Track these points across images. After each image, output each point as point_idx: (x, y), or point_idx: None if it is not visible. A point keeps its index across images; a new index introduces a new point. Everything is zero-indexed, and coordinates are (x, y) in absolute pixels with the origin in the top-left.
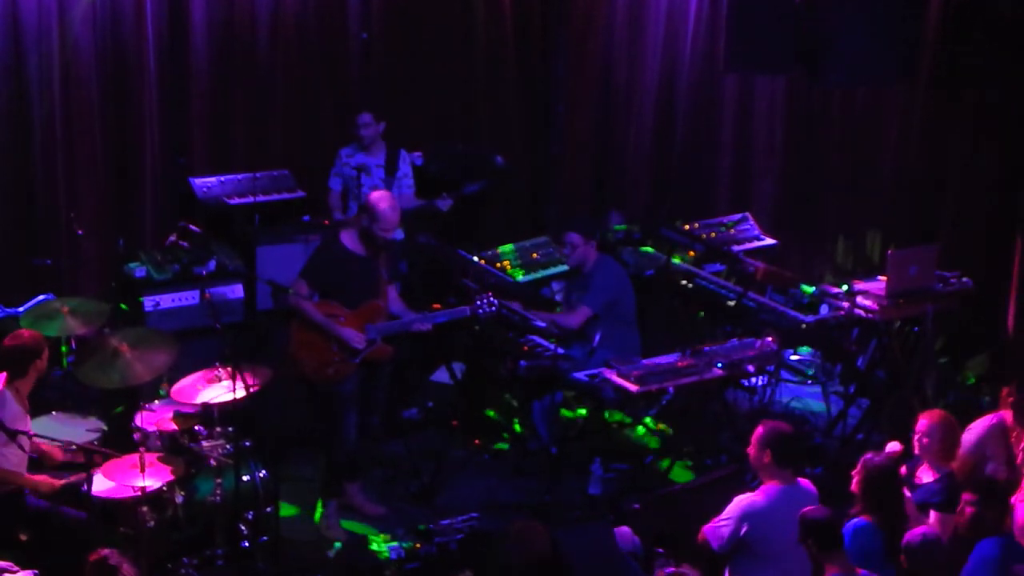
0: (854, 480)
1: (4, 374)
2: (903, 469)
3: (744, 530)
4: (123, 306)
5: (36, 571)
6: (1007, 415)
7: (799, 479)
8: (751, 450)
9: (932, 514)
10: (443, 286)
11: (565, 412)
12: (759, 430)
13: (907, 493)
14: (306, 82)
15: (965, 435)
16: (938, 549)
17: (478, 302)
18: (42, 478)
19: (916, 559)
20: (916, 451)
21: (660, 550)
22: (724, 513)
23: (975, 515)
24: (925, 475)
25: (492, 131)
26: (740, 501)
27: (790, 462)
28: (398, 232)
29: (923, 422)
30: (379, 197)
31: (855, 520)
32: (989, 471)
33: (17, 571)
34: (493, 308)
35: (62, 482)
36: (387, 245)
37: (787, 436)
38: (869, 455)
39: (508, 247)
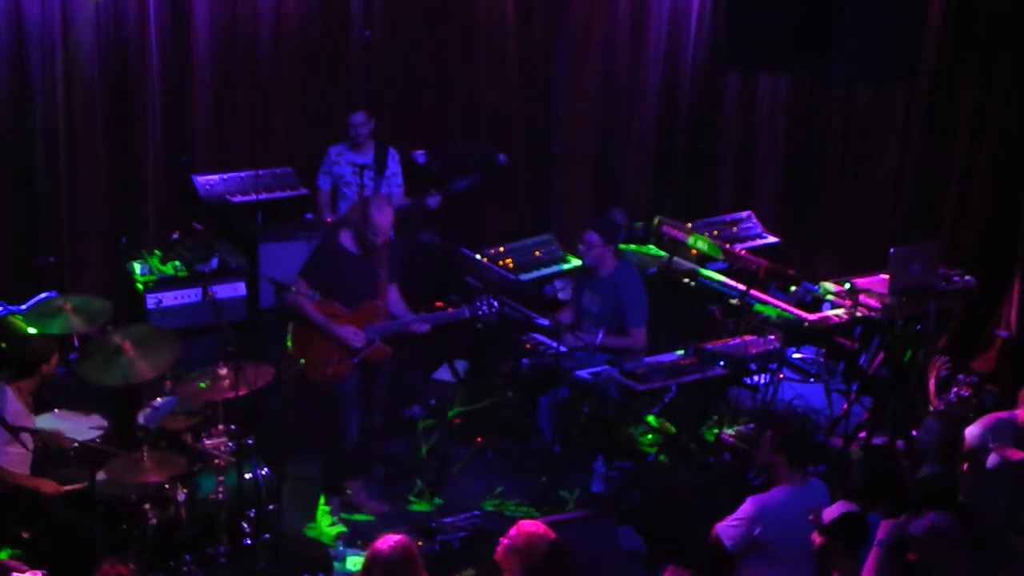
0: (855, 475)
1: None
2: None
3: (758, 531)
4: (125, 304)
5: (44, 572)
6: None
7: (811, 478)
8: (761, 452)
9: None
10: (445, 284)
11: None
12: (768, 434)
13: None
14: (308, 80)
15: (971, 427)
16: (948, 534)
17: (478, 303)
18: (46, 481)
19: (925, 549)
20: (918, 449)
21: (663, 549)
22: (737, 512)
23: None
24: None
25: (493, 131)
26: (754, 501)
27: (805, 463)
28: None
29: (929, 422)
30: (374, 202)
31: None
32: (989, 464)
33: (26, 571)
34: (494, 309)
35: (66, 488)
36: (378, 249)
37: (802, 437)
38: (870, 449)
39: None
